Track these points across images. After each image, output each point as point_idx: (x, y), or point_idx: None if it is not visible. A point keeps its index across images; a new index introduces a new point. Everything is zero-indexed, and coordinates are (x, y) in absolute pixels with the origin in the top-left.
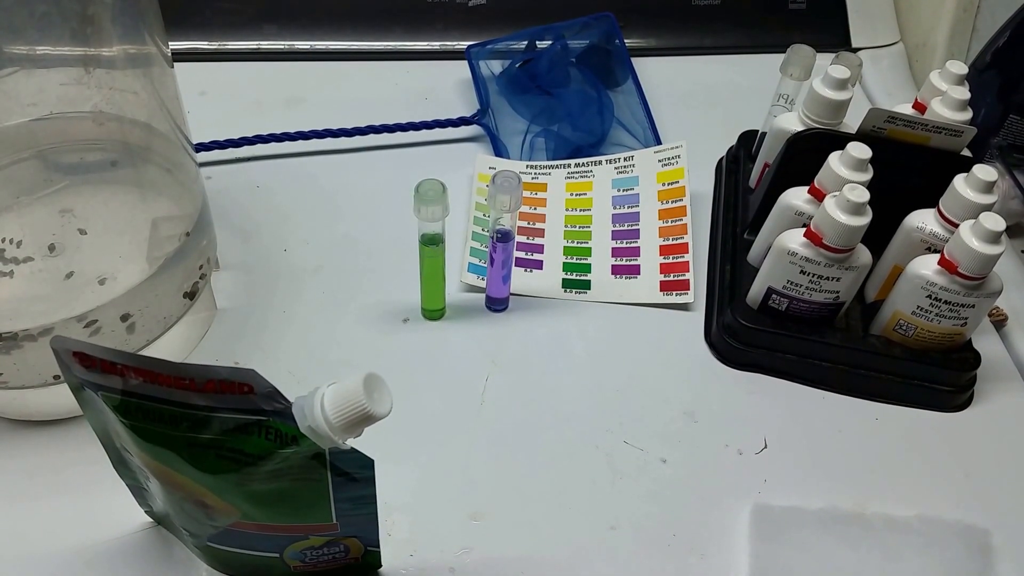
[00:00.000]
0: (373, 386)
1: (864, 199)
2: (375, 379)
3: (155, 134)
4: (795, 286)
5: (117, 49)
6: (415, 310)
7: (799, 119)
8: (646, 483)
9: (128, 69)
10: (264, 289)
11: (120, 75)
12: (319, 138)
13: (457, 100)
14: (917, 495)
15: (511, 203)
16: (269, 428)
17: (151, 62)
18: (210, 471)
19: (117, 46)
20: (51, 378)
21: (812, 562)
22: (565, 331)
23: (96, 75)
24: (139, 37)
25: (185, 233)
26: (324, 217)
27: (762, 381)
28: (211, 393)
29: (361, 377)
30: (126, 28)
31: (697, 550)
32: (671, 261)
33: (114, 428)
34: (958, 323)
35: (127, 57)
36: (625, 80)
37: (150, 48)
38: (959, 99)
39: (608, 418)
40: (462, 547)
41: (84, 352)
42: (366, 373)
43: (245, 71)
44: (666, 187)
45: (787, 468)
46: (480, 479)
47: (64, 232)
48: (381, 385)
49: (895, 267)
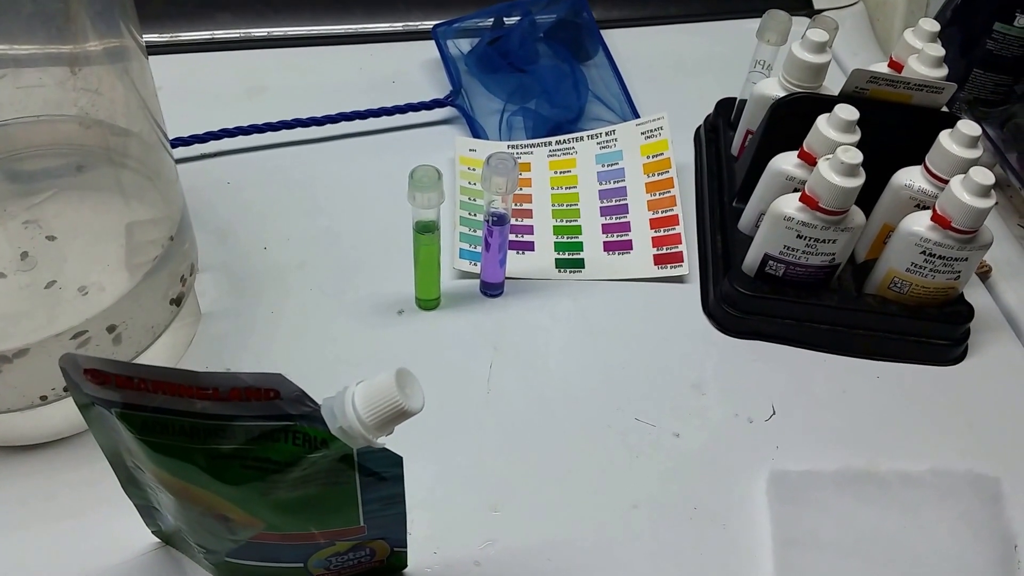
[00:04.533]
0: (405, 381)
1: (858, 160)
2: (406, 374)
3: (131, 134)
4: (792, 251)
5: (90, 46)
6: (409, 301)
7: (779, 84)
8: (661, 459)
9: (104, 65)
10: (248, 290)
11: (96, 72)
12: (288, 128)
13: (425, 82)
14: (926, 449)
15: (508, 185)
16: (297, 433)
17: (127, 56)
18: (234, 482)
19: (91, 42)
20: (37, 399)
21: (833, 522)
22: (564, 311)
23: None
24: (115, 29)
25: (169, 237)
26: (302, 211)
27: (763, 348)
28: (236, 401)
29: (393, 372)
30: (99, 19)
31: (719, 521)
32: (663, 234)
33: (126, 447)
34: (952, 277)
35: (103, 53)
36: (596, 53)
37: (127, 42)
38: (935, 56)
39: (617, 396)
40: (485, 539)
41: (97, 368)
42: (397, 368)
43: (200, 63)
44: (651, 159)
45: (797, 432)
46: (496, 469)
47: (35, 244)
48: (412, 380)
49: (885, 225)
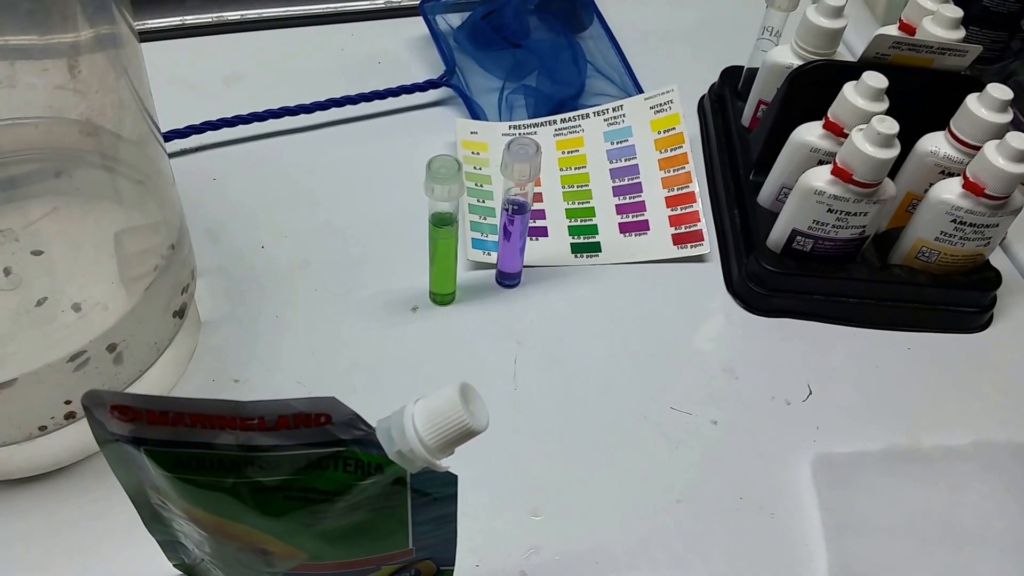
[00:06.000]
0: (468, 397)
1: (894, 130)
2: (469, 389)
3: (122, 131)
4: (821, 225)
5: (81, 34)
6: (422, 296)
7: (792, 51)
8: (702, 448)
9: (93, 54)
10: (249, 293)
11: (84, 63)
12: (275, 118)
13: (413, 61)
14: (965, 420)
15: (531, 172)
16: (348, 459)
17: (119, 43)
18: (275, 514)
19: (81, 31)
20: (36, 430)
21: (883, 504)
22: (585, 299)
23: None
24: (107, 14)
25: (170, 245)
26: (298, 205)
27: (791, 325)
28: (283, 430)
29: (455, 388)
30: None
31: (767, 509)
32: (680, 212)
33: (152, 484)
34: (982, 244)
35: (93, 41)
36: (591, 23)
37: (120, 28)
38: (952, 17)
39: (649, 385)
40: (529, 547)
41: (126, 404)
42: (459, 383)
43: (172, 51)
44: (662, 135)
45: (835, 412)
46: (532, 470)
47: (17, 259)
48: (475, 395)
49: (908, 194)
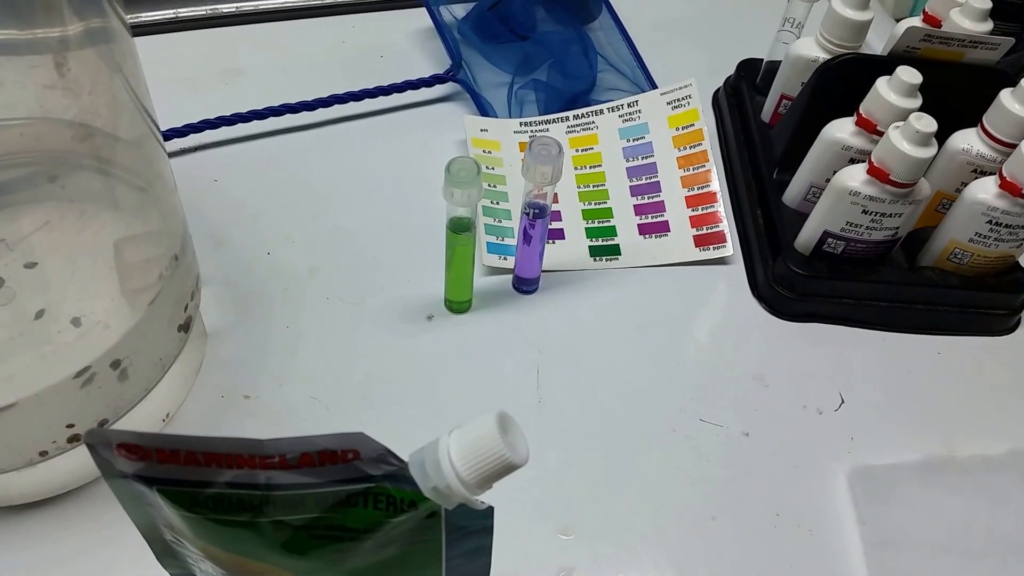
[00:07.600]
0: (506, 427)
1: (933, 128)
2: (507, 418)
3: (119, 131)
4: (855, 227)
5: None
6: (437, 304)
7: (817, 44)
8: (734, 462)
9: (85, 49)
10: (256, 303)
11: (75, 59)
12: (276, 116)
13: (416, 54)
14: (999, 427)
15: (553, 174)
16: (379, 495)
17: (111, 38)
18: (301, 552)
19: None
20: (36, 456)
21: (922, 518)
22: (606, 304)
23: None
24: (96, 7)
25: (174, 256)
26: (304, 208)
27: (820, 330)
28: (307, 468)
29: (493, 418)
30: None
31: (805, 526)
32: (701, 213)
33: (167, 522)
34: (1015, 245)
35: (82, 36)
36: (599, 13)
37: (111, 21)
38: (981, 8)
39: (677, 395)
40: (560, 568)
41: (133, 443)
42: (497, 412)
43: (166, 45)
44: (680, 132)
45: (870, 420)
46: (559, 487)
47: (10, 271)
48: (513, 425)
49: (938, 193)
